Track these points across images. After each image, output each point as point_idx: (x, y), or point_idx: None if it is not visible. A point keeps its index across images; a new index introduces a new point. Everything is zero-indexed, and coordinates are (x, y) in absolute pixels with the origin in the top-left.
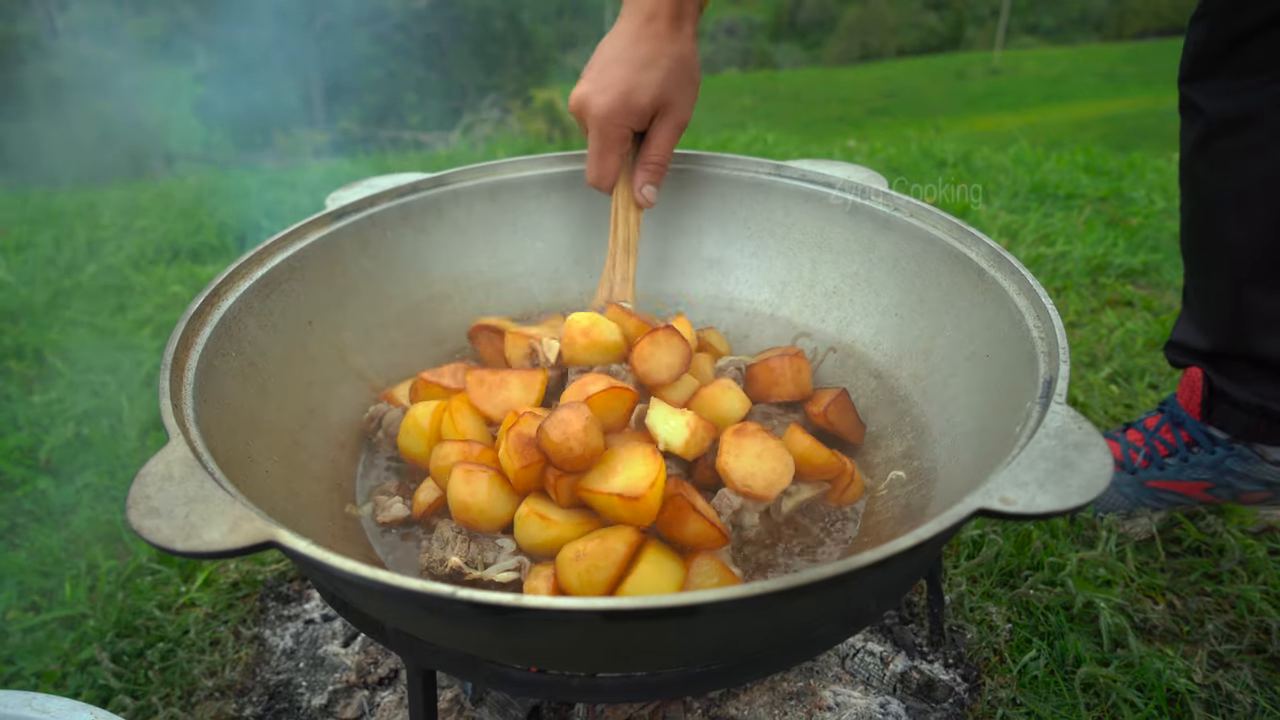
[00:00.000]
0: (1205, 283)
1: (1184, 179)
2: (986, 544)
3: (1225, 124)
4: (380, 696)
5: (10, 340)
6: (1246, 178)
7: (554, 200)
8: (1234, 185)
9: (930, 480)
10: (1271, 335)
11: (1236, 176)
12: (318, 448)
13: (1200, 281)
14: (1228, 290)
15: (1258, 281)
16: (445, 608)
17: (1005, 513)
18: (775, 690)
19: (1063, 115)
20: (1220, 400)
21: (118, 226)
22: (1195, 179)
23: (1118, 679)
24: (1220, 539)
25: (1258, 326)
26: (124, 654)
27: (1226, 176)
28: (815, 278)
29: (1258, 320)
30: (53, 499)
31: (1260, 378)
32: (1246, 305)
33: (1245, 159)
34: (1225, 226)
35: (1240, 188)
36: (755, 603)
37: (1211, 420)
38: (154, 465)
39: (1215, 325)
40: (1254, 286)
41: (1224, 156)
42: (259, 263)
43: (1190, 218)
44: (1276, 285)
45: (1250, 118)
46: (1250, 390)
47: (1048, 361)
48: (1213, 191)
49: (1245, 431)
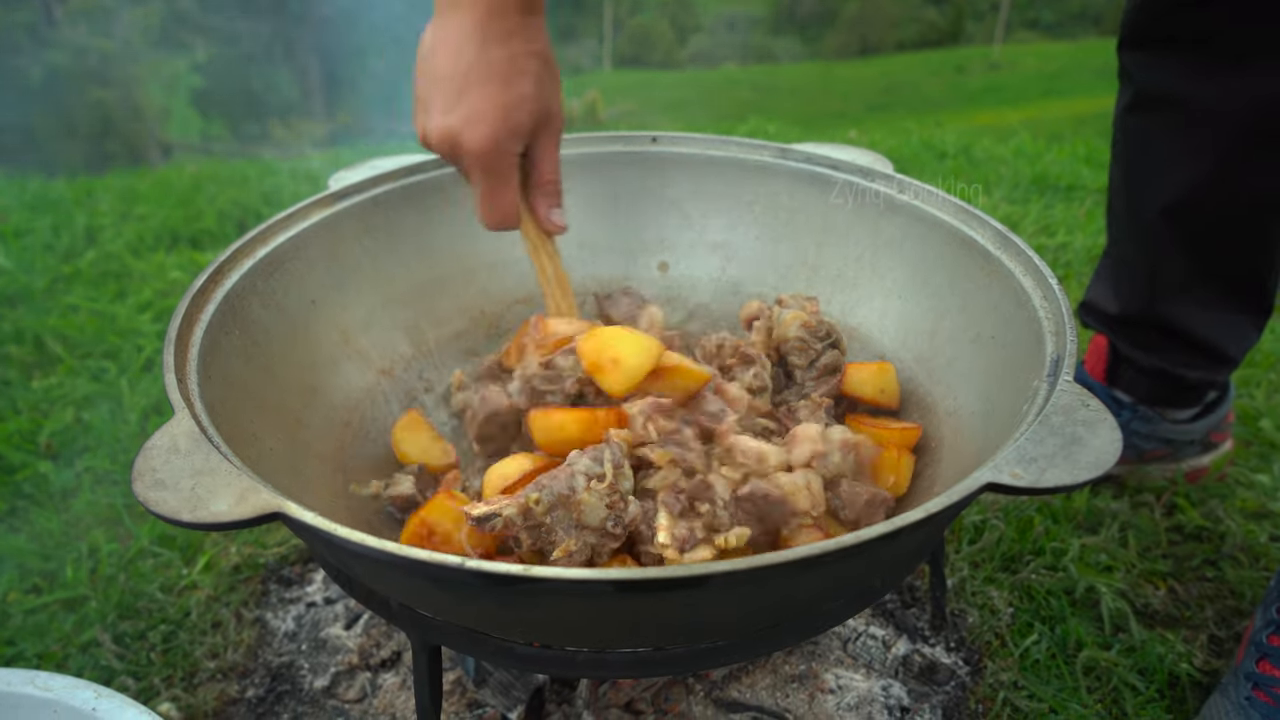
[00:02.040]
0: (1123, 247)
1: (1113, 142)
2: (988, 529)
3: (1148, 97)
4: (382, 678)
5: (9, 326)
6: (1164, 151)
7: None
8: (1153, 156)
9: (936, 460)
10: (1179, 303)
11: (1155, 148)
12: (321, 427)
13: (1119, 245)
14: (1144, 256)
15: (1170, 251)
16: (452, 578)
17: (1014, 487)
18: (777, 673)
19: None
20: (1125, 366)
21: (116, 213)
22: (1120, 144)
23: (1119, 663)
24: (1222, 524)
25: (1168, 294)
26: (126, 635)
27: (1146, 146)
28: (820, 261)
29: (1168, 288)
30: (53, 483)
31: (1165, 344)
32: (1159, 273)
33: (1165, 132)
34: (1143, 196)
35: (1158, 159)
36: (766, 574)
37: (1117, 384)
38: (159, 439)
39: (1128, 290)
40: (1167, 256)
41: (1145, 127)
42: (262, 242)
43: (1113, 180)
44: (1187, 255)
45: (1168, 95)
46: (1156, 356)
47: (1055, 341)
48: (1134, 159)
49: (1149, 395)
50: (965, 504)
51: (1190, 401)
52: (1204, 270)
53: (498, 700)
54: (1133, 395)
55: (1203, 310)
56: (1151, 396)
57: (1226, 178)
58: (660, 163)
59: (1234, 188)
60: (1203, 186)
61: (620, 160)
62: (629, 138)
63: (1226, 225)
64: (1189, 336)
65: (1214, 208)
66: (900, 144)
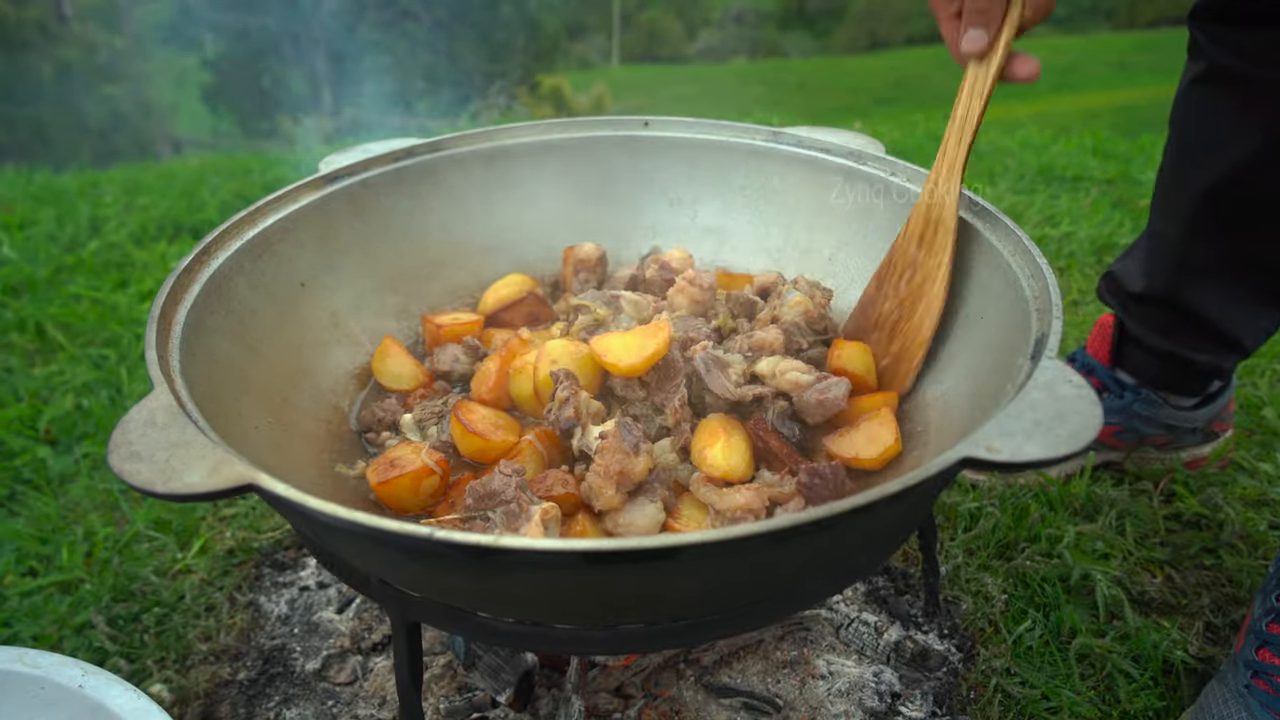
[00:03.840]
0: (1162, 225)
1: (1173, 113)
2: (984, 516)
3: (1215, 70)
4: (373, 662)
5: (12, 314)
6: (1219, 127)
7: (551, 166)
8: (1207, 132)
9: (923, 443)
10: (1204, 288)
11: (1211, 124)
12: (309, 408)
13: (1158, 222)
14: (1181, 235)
15: (1207, 233)
16: (421, 548)
17: (991, 461)
18: (769, 659)
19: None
20: (1131, 346)
21: (120, 204)
22: (1178, 117)
23: (1113, 650)
24: (1221, 512)
25: (1195, 277)
26: (120, 618)
27: (1203, 121)
28: (811, 244)
29: (1197, 271)
30: (52, 468)
31: (1179, 327)
32: (1191, 255)
33: (1222, 108)
34: (1192, 172)
35: (1211, 135)
36: (737, 545)
37: (1121, 365)
38: (136, 413)
39: (1155, 268)
40: (1203, 238)
41: (1205, 101)
42: (250, 223)
43: (1166, 155)
44: (1223, 239)
45: (1231, 70)
46: (1168, 338)
47: (1040, 320)
48: (1190, 133)
49: (1154, 378)
50: (945, 479)
51: (1195, 388)
52: (1236, 257)
53: (487, 683)
54: (1137, 377)
55: (1226, 298)
56: (1156, 379)
57: (1274, 161)
58: (653, 147)
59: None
60: (1250, 168)
61: (612, 144)
62: (621, 121)
63: (1267, 212)
64: (1206, 322)
65: (1259, 193)
66: (905, 135)
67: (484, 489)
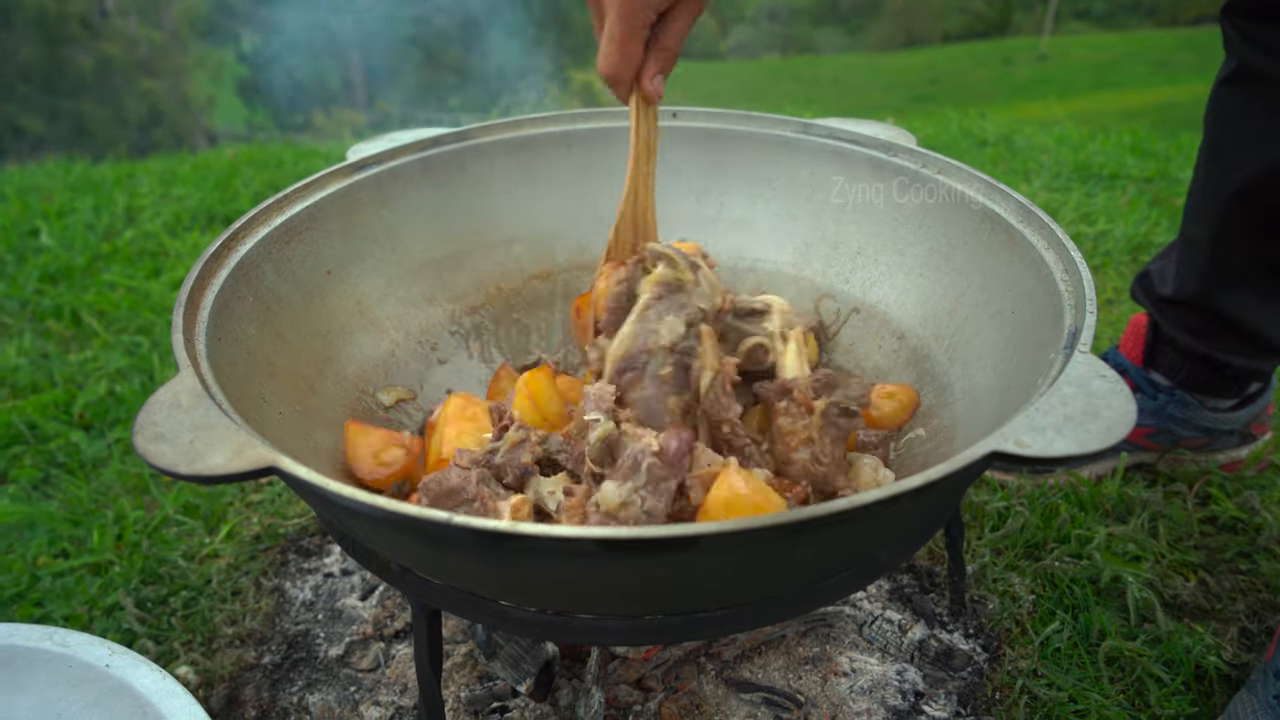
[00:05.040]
0: (1194, 228)
1: (1205, 113)
2: (1012, 515)
3: (1247, 69)
4: (396, 649)
5: (49, 301)
6: (1250, 129)
7: (576, 157)
8: (1238, 132)
9: (950, 438)
10: (1237, 293)
11: (1242, 124)
12: (333, 395)
13: (1190, 225)
14: (1212, 238)
15: (1238, 236)
16: (441, 534)
17: (1021, 456)
18: (790, 655)
19: (1113, 103)
20: (1166, 347)
21: (156, 195)
22: (1211, 118)
23: (1144, 653)
24: (1258, 516)
25: (1227, 280)
26: (148, 600)
27: (1234, 122)
28: (840, 237)
29: (1229, 274)
30: (84, 452)
31: (1214, 331)
32: (1223, 258)
33: (1254, 109)
34: (1222, 174)
35: (1242, 136)
36: (758, 535)
37: (1155, 366)
38: (162, 394)
39: (1187, 271)
40: (1234, 241)
41: (1236, 101)
42: (278, 210)
43: (1199, 156)
44: (1255, 243)
45: (1264, 69)
46: (1203, 341)
47: (1074, 314)
48: (1221, 134)
49: (1189, 380)
50: (972, 474)
51: (1231, 391)
52: (1268, 263)
53: (507, 673)
54: (1171, 379)
55: (1259, 302)
56: (1191, 382)
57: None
58: (681, 138)
59: None
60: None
61: None
62: None
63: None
64: (1240, 326)
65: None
66: (939, 131)
67: (440, 486)
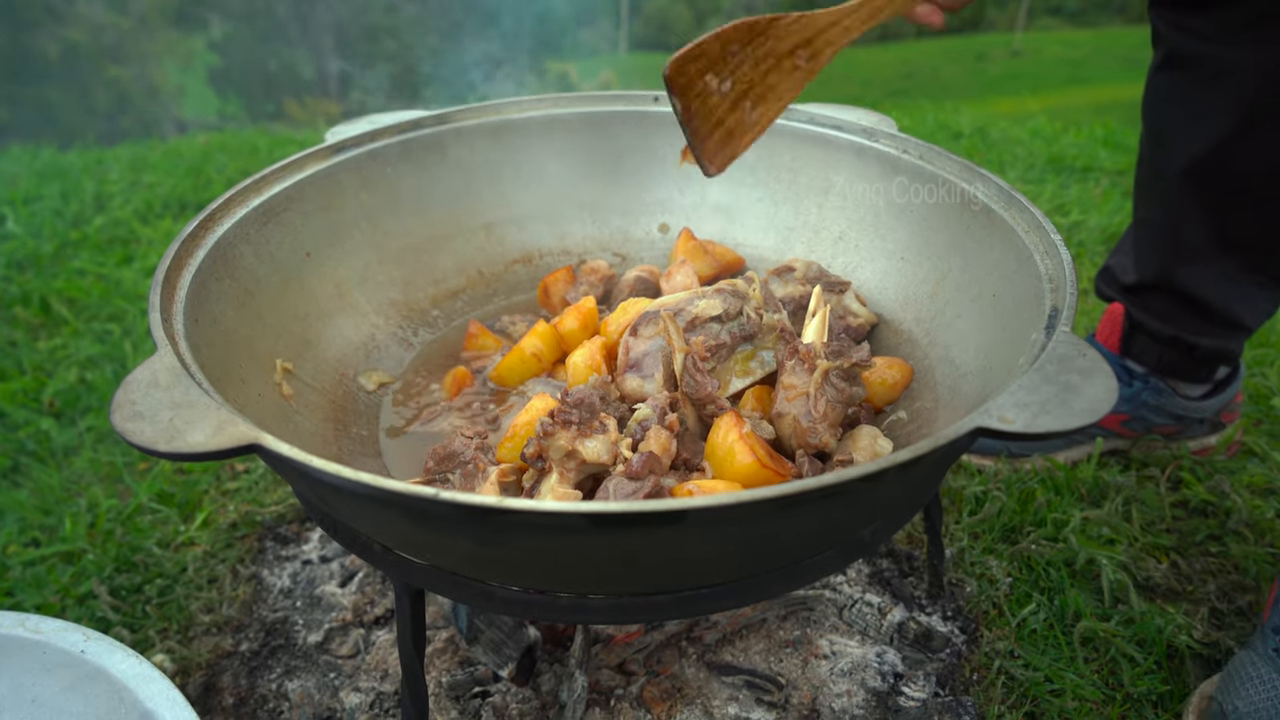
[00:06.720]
0: (1146, 211)
1: (1142, 103)
2: (990, 500)
3: (1176, 56)
4: (375, 635)
5: (17, 288)
6: (1187, 111)
7: (558, 142)
8: (1176, 115)
9: (931, 420)
10: (1192, 265)
11: (1179, 108)
12: (313, 378)
13: (1141, 209)
14: (1165, 219)
15: (1190, 215)
16: (427, 509)
17: (1004, 431)
18: (772, 638)
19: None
20: (1139, 333)
21: (126, 182)
22: (1149, 104)
23: (1118, 634)
24: (1228, 500)
25: (1186, 260)
26: (122, 589)
27: (1171, 106)
28: (821, 222)
29: (1187, 253)
30: (55, 440)
31: (1180, 312)
32: (1178, 237)
33: (1189, 92)
34: (1166, 156)
35: (1181, 119)
36: (744, 510)
37: (1130, 354)
38: (140, 373)
39: (1147, 255)
40: (1187, 220)
41: (1171, 87)
42: (256, 191)
43: (1142, 143)
44: (1207, 220)
45: (1194, 54)
46: (1170, 323)
47: (1054, 295)
48: (1160, 118)
49: (1160, 364)
50: (957, 449)
51: (1202, 375)
52: (1223, 237)
53: (489, 658)
54: (1144, 364)
55: (1218, 277)
56: (1163, 365)
57: (1245, 140)
58: (662, 123)
59: (1252, 151)
60: (1222, 148)
61: (621, 120)
62: (630, 97)
63: (1245, 190)
64: (1202, 303)
65: (1233, 171)
66: (915, 124)
67: (444, 451)
